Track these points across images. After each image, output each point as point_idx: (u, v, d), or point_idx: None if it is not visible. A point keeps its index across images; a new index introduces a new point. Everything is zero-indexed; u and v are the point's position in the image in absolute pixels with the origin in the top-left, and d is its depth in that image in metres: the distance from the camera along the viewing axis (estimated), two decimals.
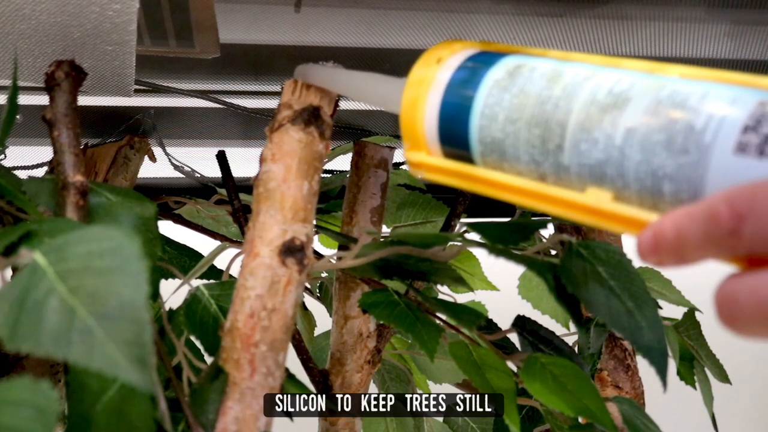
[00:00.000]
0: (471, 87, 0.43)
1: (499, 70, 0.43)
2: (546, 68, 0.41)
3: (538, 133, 0.40)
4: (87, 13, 0.55)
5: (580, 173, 0.38)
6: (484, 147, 0.43)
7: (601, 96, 0.38)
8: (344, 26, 0.74)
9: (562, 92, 0.39)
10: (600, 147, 0.37)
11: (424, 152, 0.46)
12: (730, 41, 0.75)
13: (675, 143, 0.34)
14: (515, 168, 0.42)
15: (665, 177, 0.35)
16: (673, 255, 0.32)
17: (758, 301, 0.28)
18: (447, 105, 0.44)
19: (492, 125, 0.42)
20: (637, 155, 0.36)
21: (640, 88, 0.37)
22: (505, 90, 0.42)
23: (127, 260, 0.39)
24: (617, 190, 0.37)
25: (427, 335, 0.63)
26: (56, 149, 0.57)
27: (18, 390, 0.37)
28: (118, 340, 0.37)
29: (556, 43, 0.76)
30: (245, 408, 0.51)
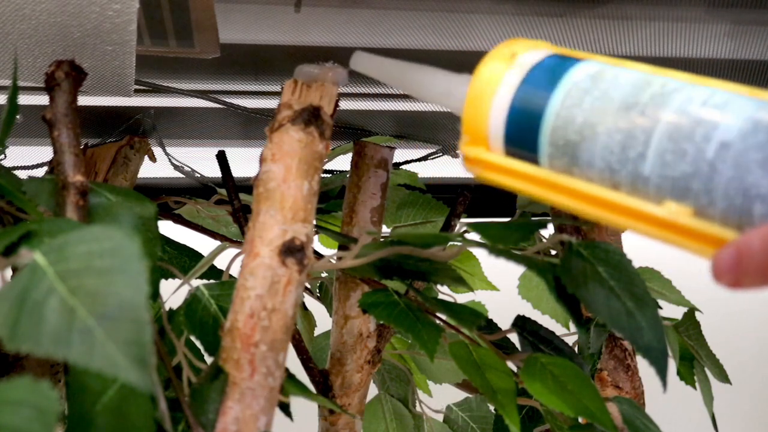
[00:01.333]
0: (548, 86, 0.42)
1: (579, 72, 0.41)
2: (632, 76, 0.40)
3: (619, 140, 0.38)
4: (87, 13, 0.55)
5: (660, 185, 0.37)
6: (554, 149, 0.41)
7: (694, 106, 0.36)
8: (344, 26, 0.74)
9: (650, 100, 0.38)
10: (688, 159, 0.35)
11: (483, 149, 0.44)
12: (730, 41, 0.75)
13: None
14: (586, 174, 0.40)
15: (758, 197, 0.33)
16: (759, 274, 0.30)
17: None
18: (519, 102, 0.42)
19: (568, 127, 0.40)
20: (730, 172, 0.34)
21: (737, 104, 0.36)
22: (586, 92, 0.40)
23: (127, 260, 0.39)
24: (700, 206, 0.35)
25: (427, 335, 0.63)
26: (56, 149, 0.57)
27: (18, 390, 0.37)
28: (118, 340, 0.37)
29: (556, 43, 0.76)
30: (245, 408, 0.51)
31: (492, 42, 0.76)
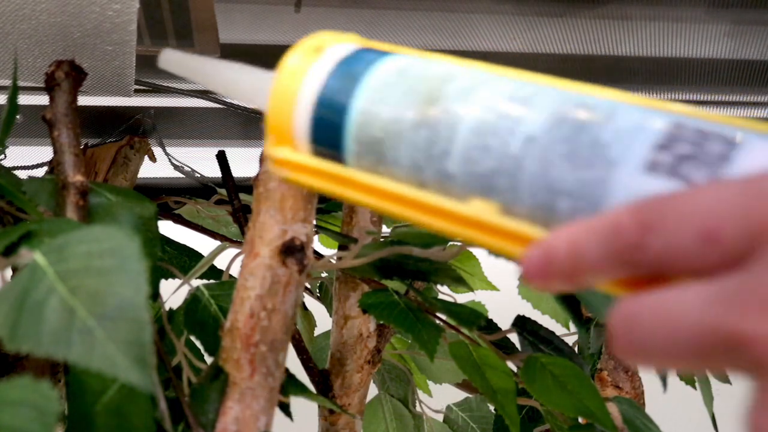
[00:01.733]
0: (353, 82, 0.40)
1: (386, 67, 0.39)
2: (439, 69, 0.38)
3: (425, 135, 0.36)
4: (87, 13, 0.55)
5: (466, 182, 0.35)
6: (360, 147, 0.39)
7: (499, 101, 0.35)
8: (344, 26, 0.74)
9: (455, 94, 0.36)
10: (493, 155, 0.34)
11: (289, 149, 0.42)
12: (729, 41, 0.75)
13: (578, 157, 0.32)
14: (392, 173, 0.38)
15: (562, 192, 0.32)
16: (566, 274, 0.28)
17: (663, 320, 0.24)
18: (323, 99, 0.40)
19: (373, 123, 0.38)
20: (535, 166, 0.33)
21: (544, 96, 0.34)
22: (392, 87, 0.38)
23: (127, 260, 0.39)
24: (506, 203, 0.34)
25: (427, 335, 0.63)
26: (56, 149, 0.57)
27: (18, 390, 0.37)
28: (118, 340, 0.37)
29: (556, 43, 0.76)
30: (245, 408, 0.51)
31: (492, 42, 0.76)
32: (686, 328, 0.24)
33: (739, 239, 0.23)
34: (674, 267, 0.25)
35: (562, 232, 0.28)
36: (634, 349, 0.25)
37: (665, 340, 0.24)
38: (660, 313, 0.24)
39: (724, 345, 0.23)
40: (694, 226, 0.24)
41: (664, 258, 0.25)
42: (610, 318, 0.26)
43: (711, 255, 0.24)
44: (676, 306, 0.24)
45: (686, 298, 0.24)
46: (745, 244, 0.23)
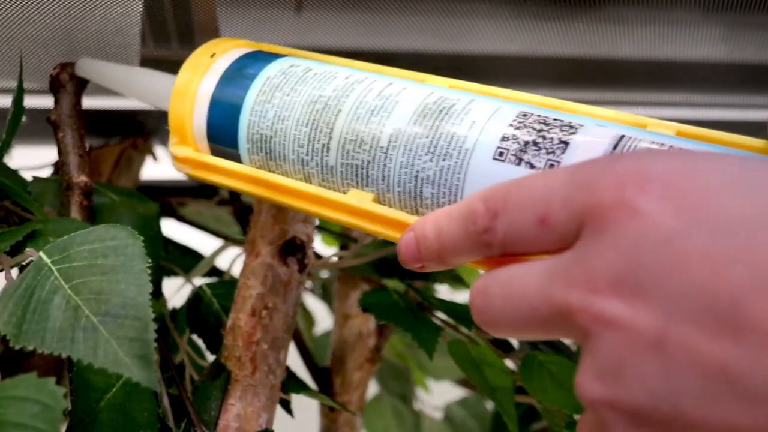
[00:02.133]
0: (243, 84, 0.43)
1: (273, 69, 0.43)
2: (320, 70, 0.42)
3: (306, 132, 0.40)
4: (91, 16, 0.56)
5: (344, 174, 0.39)
6: (251, 145, 0.42)
7: (370, 98, 0.38)
8: (345, 29, 0.75)
9: (333, 92, 0.39)
10: (365, 148, 0.37)
11: (191, 148, 0.45)
12: (725, 44, 0.75)
13: (438, 147, 0.35)
14: (282, 167, 0.41)
15: (426, 180, 0.35)
16: (435, 257, 0.31)
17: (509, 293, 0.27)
18: (218, 100, 0.44)
19: (261, 122, 0.41)
20: (401, 158, 0.36)
21: (409, 92, 0.38)
22: (277, 88, 0.41)
23: (131, 259, 0.40)
24: (380, 191, 0.37)
25: (426, 334, 0.63)
26: (61, 150, 0.58)
27: (23, 387, 0.38)
28: (121, 337, 0.37)
29: (554, 46, 0.76)
30: (247, 405, 0.52)
31: (491, 45, 0.77)
32: (526, 301, 0.26)
33: (567, 222, 0.26)
34: (520, 248, 0.28)
35: (428, 218, 0.31)
36: (487, 320, 0.28)
37: (511, 312, 0.27)
38: (506, 286, 0.27)
39: (556, 315, 0.25)
40: (531, 212, 0.27)
41: (511, 240, 0.28)
42: (470, 291, 0.29)
43: (547, 237, 0.27)
44: (519, 280, 0.27)
45: (527, 273, 0.27)
46: (573, 226, 0.26)
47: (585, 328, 0.24)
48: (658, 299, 0.22)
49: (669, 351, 0.22)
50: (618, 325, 0.23)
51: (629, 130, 0.32)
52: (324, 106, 0.39)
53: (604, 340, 0.24)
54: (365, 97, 0.38)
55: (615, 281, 0.23)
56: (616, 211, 0.24)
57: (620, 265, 0.23)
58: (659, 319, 0.22)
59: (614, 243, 0.24)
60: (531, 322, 0.27)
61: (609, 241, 0.24)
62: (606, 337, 0.23)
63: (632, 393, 0.23)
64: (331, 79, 0.40)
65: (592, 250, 0.24)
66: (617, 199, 0.24)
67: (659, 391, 0.22)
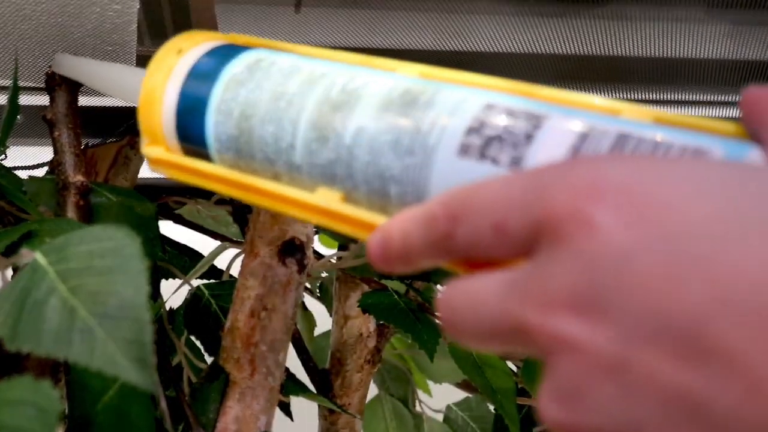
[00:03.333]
0: (209, 81, 0.41)
1: (238, 64, 0.41)
2: (285, 64, 0.40)
3: (272, 131, 0.38)
4: (87, 13, 0.56)
5: (311, 173, 0.37)
6: (219, 144, 0.41)
7: (333, 93, 0.37)
8: (344, 27, 0.74)
9: (297, 89, 0.38)
10: (330, 146, 0.36)
11: (162, 148, 0.44)
12: (729, 41, 0.75)
13: (401, 144, 0.34)
14: (251, 166, 0.40)
15: (392, 179, 0.34)
16: (402, 260, 0.30)
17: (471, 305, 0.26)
18: (184, 99, 0.42)
19: (227, 121, 0.40)
20: (366, 156, 0.35)
21: (373, 86, 0.36)
22: (241, 85, 0.40)
23: (128, 260, 0.39)
24: (347, 190, 0.36)
25: (426, 335, 0.63)
26: (57, 149, 0.58)
27: (19, 389, 0.37)
28: (118, 339, 0.37)
29: (556, 44, 0.76)
30: (245, 407, 0.51)
31: (492, 42, 0.76)
32: (486, 314, 0.26)
33: (523, 230, 0.25)
34: (479, 254, 0.27)
35: (395, 220, 0.30)
36: (453, 330, 0.27)
37: (472, 324, 0.26)
38: (468, 298, 0.27)
39: (515, 332, 0.24)
40: (488, 218, 0.26)
41: (470, 246, 0.27)
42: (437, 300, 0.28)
43: (504, 243, 0.26)
44: (479, 292, 0.26)
45: (488, 285, 0.26)
46: (529, 235, 0.25)
47: (543, 347, 0.23)
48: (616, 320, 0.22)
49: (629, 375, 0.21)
50: (575, 346, 0.22)
51: (598, 120, 0.31)
52: (288, 103, 0.38)
53: (562, 361, 0.23)
54: (329, 93, 0.37)
55: (572, 300, 0.23)
56: (570, 224, 0.23)
57: (577, 284, 0.23)
58: (617, 342, 0.22)
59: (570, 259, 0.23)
60: (493, 336, 0.26)
61: (565, 257, 0.23)
62: (564, 357, 0.23)
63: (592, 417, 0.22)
64: (296, 74, 0.39)
65: (549, 264, 0.24)
66: (571, 211, 0.23)
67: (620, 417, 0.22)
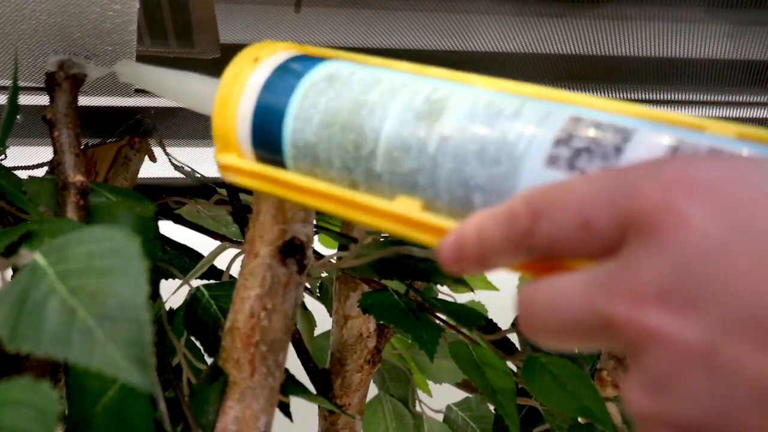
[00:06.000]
0: (287, 89, 0.42)
1: (317, 73, 0.42)
2: (365, 74, 0.40)
3: (352, 139, 0.39)
4: (87, 13, 0.55)
5: (391, 181, 0.38)
6: (296, 151, 0.41)
7: (417, 103, 0.37)
8: (344, 26, 0.74)
9: (379, 98, 0.38)
10: (413, 155, 0.36)
11: (235, 155, 0.44)
12: (729, 41, 0.75)
13: (487, 153, 0.34)
14: (327, 174, 0.40)
15: (476, 188, 0.34)
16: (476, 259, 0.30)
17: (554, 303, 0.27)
18: (261, 106, 0.43)
19: (306, 129, 0.40)
20: (450, 164, 0.35)
21: (457, 97, 0.37)
22: (322, 93, 0.40)
23: (128, 260, 0.39)
24: (428, 199, 0.36)
25: (427, 335, 0.63)
26: (56, 149, 0.58)
27: (18, 390, 0.37)
28: (118, 340, 0.37)
29: (556, 44, 0.76)
30: (245, 408, 0.51)
31: (491, 42, 0.76)
32: (569, 311, 0.26)
33: (610, 227, 0.25)
34: (563, 251, 0.27)
35: (471, 220, 0.31)
36: (533, 329, 0.28)
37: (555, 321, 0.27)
38: (550, 296, 0.27)
39: (599, 327, 0.25)
40: (574, 215, 0.26)
41: (554, 243, 0.27)
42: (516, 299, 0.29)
43: (590, 240, 0.26)
44: (563, 290, 0.27)
45: (571, 283, 0.26)
46: (616, 231, 0.25)
47: (631, 341, 0.24)
48: (706, 313, 0.22)
49: (718, 366, 0.22)
50: (665, 339, 0.23)
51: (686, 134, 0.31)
52: (370, 111, 0.38)
53: (652, 354, 0.23)
54: (412, 102, 0.37)
55: (661, 293, 0.23)
56: (661, 217, 0.24)
57: (666, 276, 0.23)
58: (707, 334, 0.22)
59: (660, 252, 0.23)
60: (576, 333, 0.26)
61: (654, 250, 0.24)
62: (653, 350, 0.23)
63: (681, 407, 0.23)
64: (377, 83, 0.39)
65: (637, 258, 0.24)
66: (663, 204, 0.24)
67: (708, 406, 0.22)
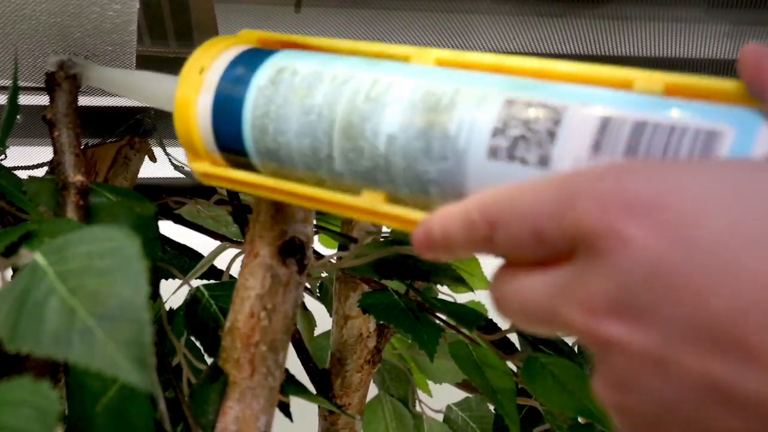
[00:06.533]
0: (237, 98, 0.42)
1: (263, 77, 0.41)
2: (306, 71, 0.40)
3: (308, 144, 0.39)
4: (87, 13, 0.55)
5: (353, 178, 0.39)
6: (261, 156, 0.42)
7: (359, 102, 0.37)
8: (344, 27, 0.74)
9: (323, 99, 0.39)
10: (366, 155, 0.37)
11: (207, 162, 0.45)
12: (729, 41, 0.75)
13: (433, 150, 0.35)
14: (294, 173, 0.41)
15: (430, 182, 0.35)
16: (445, 251, 0.33)
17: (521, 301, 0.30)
18: (218, 117, 0.43)
19: (263, 137, 0.41)
20: (402, 162, 0.36)
21: (395, 91, 0.37)
22: (270, 100, 0.41)
23: (128, 261, 0.39)
24: (389, 192, 0.38)
25: (427, 335, 0.63)
26: (56, 149, 0.57)
27: (18, 390, 0.37)
28: (118, 340, 0.37)
29: (556, 44, 0.76)
30: (245, 408, 0.51)
31: (491, 42, 0.76)
32: (535, 311, 0.29)
33: (560, 238, 0.28)
34: (521, 256, 0.30)
35: (435, 217, 0.33)
36: (508, 318, 0.31)
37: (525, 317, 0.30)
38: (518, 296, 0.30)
39: (564, 326, 0.28)
40: (525, 226, 0.28)
41: (511, 249, 0.30)
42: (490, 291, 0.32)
43: (544, 248, 0.28)
44: (529, 293, 0.29)
45: (535, 285, 0.29)
46: (566, 242, 0.27)
47: (591, 345, 0.27)
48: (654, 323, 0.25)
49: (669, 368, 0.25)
50: (620, 347, 0.26)
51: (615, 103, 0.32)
52: (318, 116, 0.39)
53: (610, 358, 0.26)
54: (355, 102, 0.38)
55: (612, 306, 0.26)
56: (604, 239, 0.26)
57: (615, 292, 0.25)
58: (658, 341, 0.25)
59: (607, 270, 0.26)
60: (542, 325, 0.29)
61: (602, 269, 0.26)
62: (612, 355, 0.26)
63: (639, 403, 0.26)
64: (319, 83, 0.39)
65: (588, 274, 0.26)
66: (604, 227, 0.26)
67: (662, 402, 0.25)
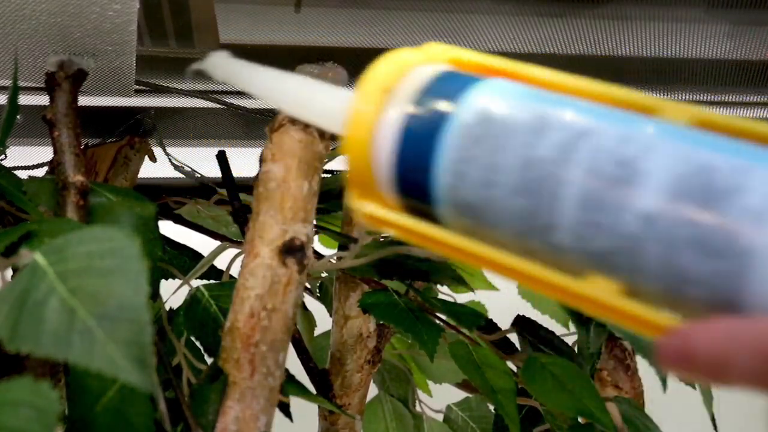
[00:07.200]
0: (433, 134, 0.34)
1: (469, 111, 0.33)
2: (527, 112, 0.32)
3: (524, 205, 0.31)
4: (87, 13, 0.55)
5: (580, 258, 0.30)
6: (455, 209, 0.34)
7: (604, 165, 0.29)
8: (344, 26, 0.74)
9: (551, 153, 0.31)
10: (606, 233, 0.29)
11: (376, 204, 0.36)
12: (729, 41, 0.75)
13: (705, 243, 0.27)
14: (493, 237, 0.33)
15: (692, 282, 0.28)
16: (706, 374, 0.27)
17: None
18: (405, 156, 0.34)
19: (462, 186, 0.33)
20: (657, 249, 0.28)
21: (656, 158, 0.29)
22: (477, 143, 0.32)
23: (128, 261, 0.39)
24: (630, 283, 0.29)
25: (427, 335, 0.63)
26: (56, 149, 0.57)
27: (18, 390, 0.37)
28: (118, 340, 0.37)
29: (556, 44, 0.76)
30: (245, 408, 0.51)
31: (492, 43, 0.76)
32: None
33: None
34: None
35: (702, 331, 0.27)
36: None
37: None
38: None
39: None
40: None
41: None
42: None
43: None
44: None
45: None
46: None
47: None
48: None
49: None
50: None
51: None
52: (542, 174, 0.31)
53: None
54: (596, 163, 0.30)
55: None
56: None
57: None
58: None
59: None
60: None
61: None
62: None
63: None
64: (545, 131, 0.31)
65: None
66: None
67: None
